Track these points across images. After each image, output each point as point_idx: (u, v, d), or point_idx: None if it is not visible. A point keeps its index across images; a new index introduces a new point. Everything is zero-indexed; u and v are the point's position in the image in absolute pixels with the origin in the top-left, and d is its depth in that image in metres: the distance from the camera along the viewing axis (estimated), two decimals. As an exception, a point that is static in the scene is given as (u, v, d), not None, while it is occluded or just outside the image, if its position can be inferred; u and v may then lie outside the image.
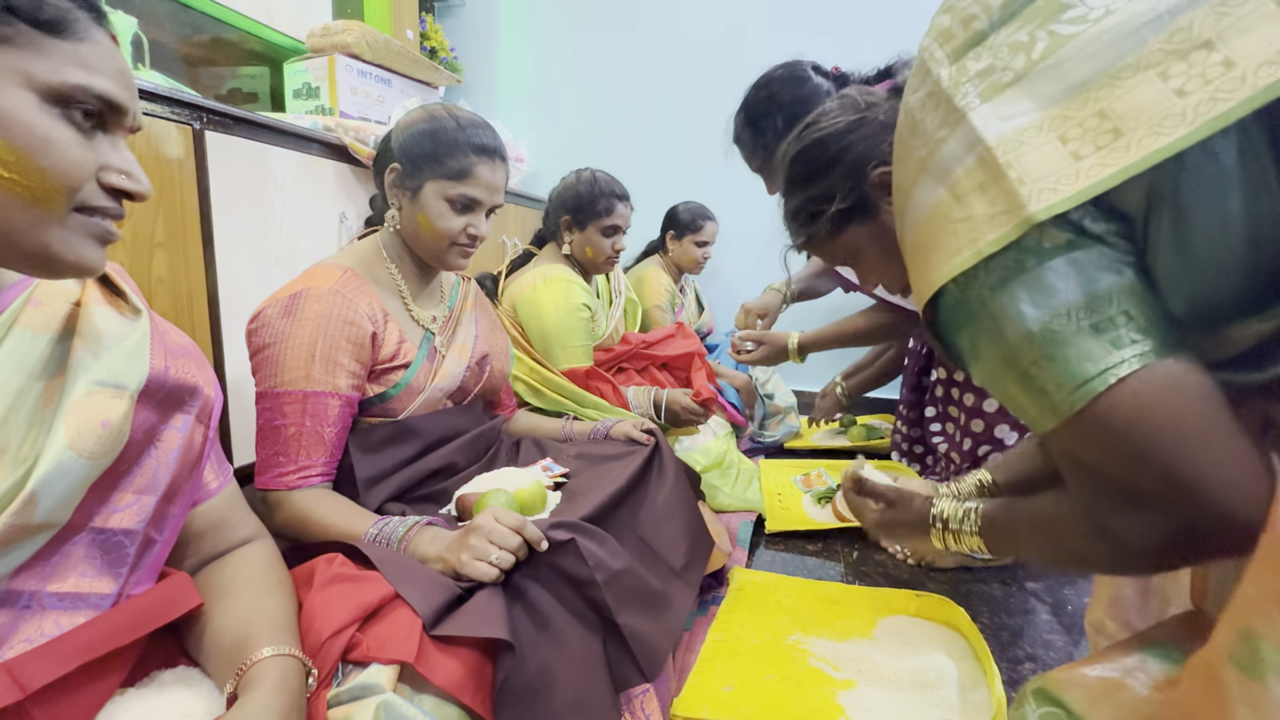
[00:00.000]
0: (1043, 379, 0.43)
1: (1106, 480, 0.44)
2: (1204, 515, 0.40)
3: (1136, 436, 0.41)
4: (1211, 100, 0.37)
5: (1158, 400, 0.40)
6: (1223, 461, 0.40)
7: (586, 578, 0.67)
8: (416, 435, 0.83)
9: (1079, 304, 0.42)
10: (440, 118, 0.80)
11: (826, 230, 0.72)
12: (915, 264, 0.52)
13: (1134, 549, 0.44)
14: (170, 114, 0.90)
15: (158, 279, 0.90)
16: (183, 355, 0.52)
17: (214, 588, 0.54)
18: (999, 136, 0.43)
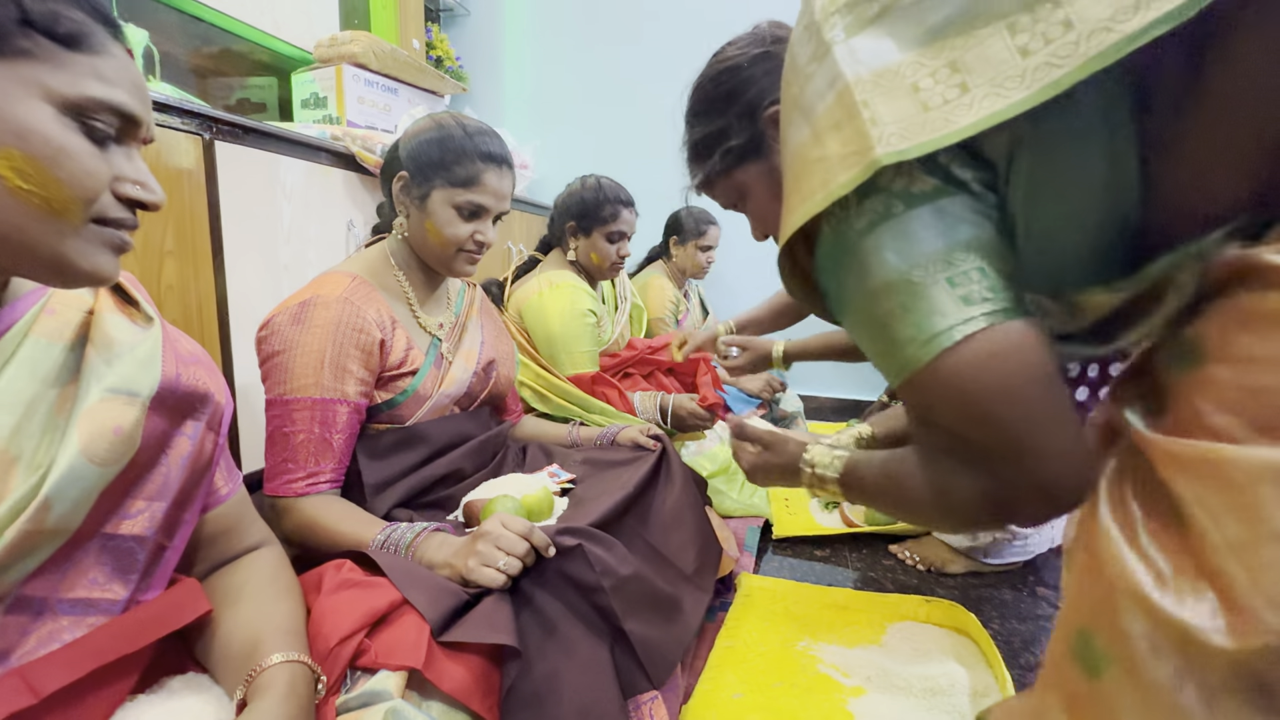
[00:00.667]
0: (896, 329, 0.44)
1: (946, 436, 0.45)
2: (1028, 481, 0.42)
3: (976, 396, 0.42)
4: (1047, 65, 0.37)
5: (999, 362, 0.41)
6: (1054, 431, 0.41)
7: (594, 584, 0.67)
8: (424, 441, 0.84)
9: (938, 255, 0.42)
10: (448, 126, 0.81)
11: (718, 168, 0.69)
12: (786, 205, 0.51)
13: (957, 504, 0.46)
14: (181, 125, 0.91)
15: (167, 286, 0.90)
16: (194, 363, 0.52)
17: (223, 594, 0.54)
18: (856, 76, 0.43)
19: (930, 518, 0.53)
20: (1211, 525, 0.36)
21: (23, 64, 0.35)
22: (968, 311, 0.41)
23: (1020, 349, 0.42)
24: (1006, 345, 0.42)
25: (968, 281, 0.42)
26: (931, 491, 0.48)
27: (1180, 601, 0.37)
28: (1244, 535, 0.34)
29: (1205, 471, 0.37)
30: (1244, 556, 0.34)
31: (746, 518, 1.30)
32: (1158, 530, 0.40)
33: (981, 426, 0.42)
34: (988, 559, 1.12)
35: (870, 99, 0.42)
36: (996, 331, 0.41)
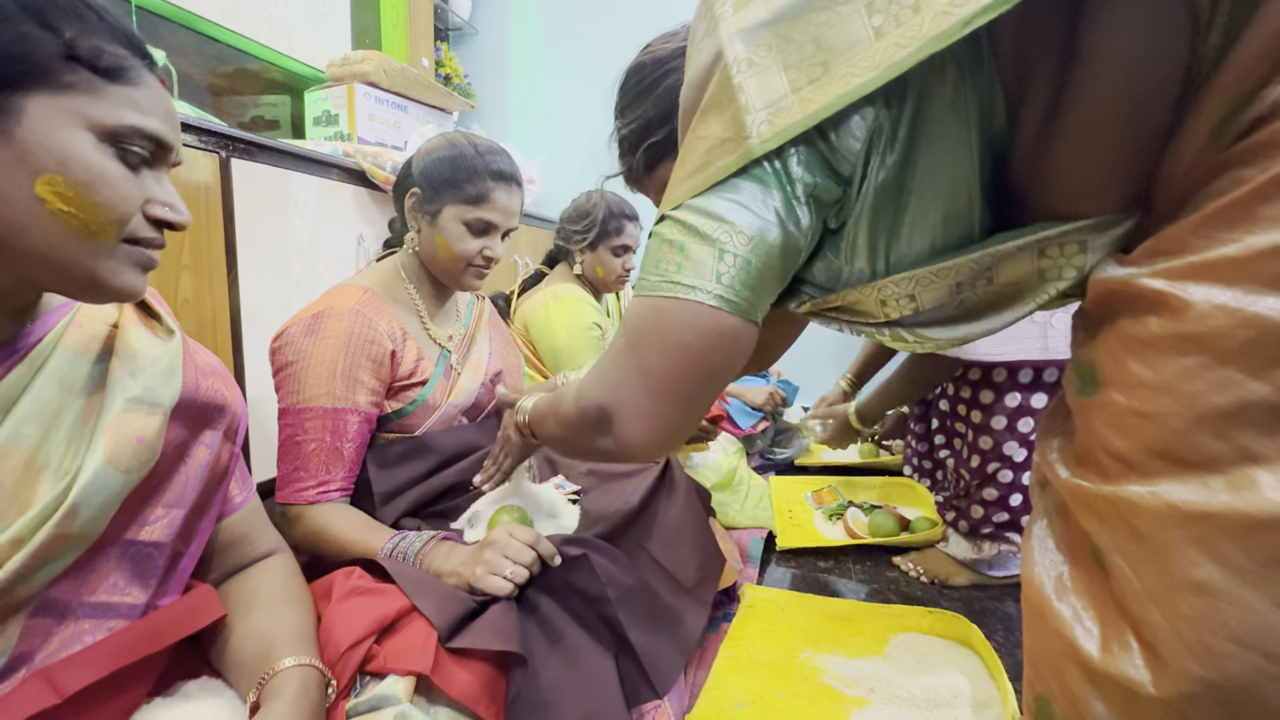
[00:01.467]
0: (661, 256, 0.47)
1: (618, 348, 0.50)
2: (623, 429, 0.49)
3: (657, 337, 0.47)
4: (895, 46, 0.38)
5: (691, 333, 0.46)
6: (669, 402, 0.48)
7: (599, 593, 0.68)
8: (432, 451, 0.85)
9: (734, 229, 0.45)
10: (460, 144, 0.83)
11: (642, 163, 0.67)
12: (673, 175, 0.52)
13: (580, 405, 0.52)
14: (198, 143, 0.94)
15: (183, 300, 0.93)
16: (212, 374, 0.54)
17: (236, 600, 0.56)
18: (734, 56, 0.43)
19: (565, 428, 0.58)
20: (1130, 574, 0.36)
21: (66, 96, 0.38)
22: (714, 288, 0.45)
23: (720, 338, 0.46)
24: (716, 328, 0.46)
25: (732, 266, 0.45)
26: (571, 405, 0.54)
27: (1111, 654, 0.37)
28: (1160, 584, 0.34)
29: (1115, 518, 0.37)
30: (1163, 605, 0.34)
31: (750, 529, 1.31)
32: (1082, 579, 0.40)
33: (646, 355, 0.47)
34: (992, 571, 1.12)
35: (745, 82, 0.43)
36: (719, 315, 0.46)
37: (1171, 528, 0.34)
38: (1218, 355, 0.33)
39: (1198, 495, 0.33)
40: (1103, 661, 0.37)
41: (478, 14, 2.43)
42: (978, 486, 1.09)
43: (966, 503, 1.11)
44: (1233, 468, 0.32)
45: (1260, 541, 0.31)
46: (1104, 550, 0.39)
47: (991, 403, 1.05)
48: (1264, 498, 0.31)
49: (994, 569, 1.12)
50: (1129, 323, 0.38)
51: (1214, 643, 0.32)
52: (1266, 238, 0.31)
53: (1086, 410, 0.41)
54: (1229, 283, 0.33)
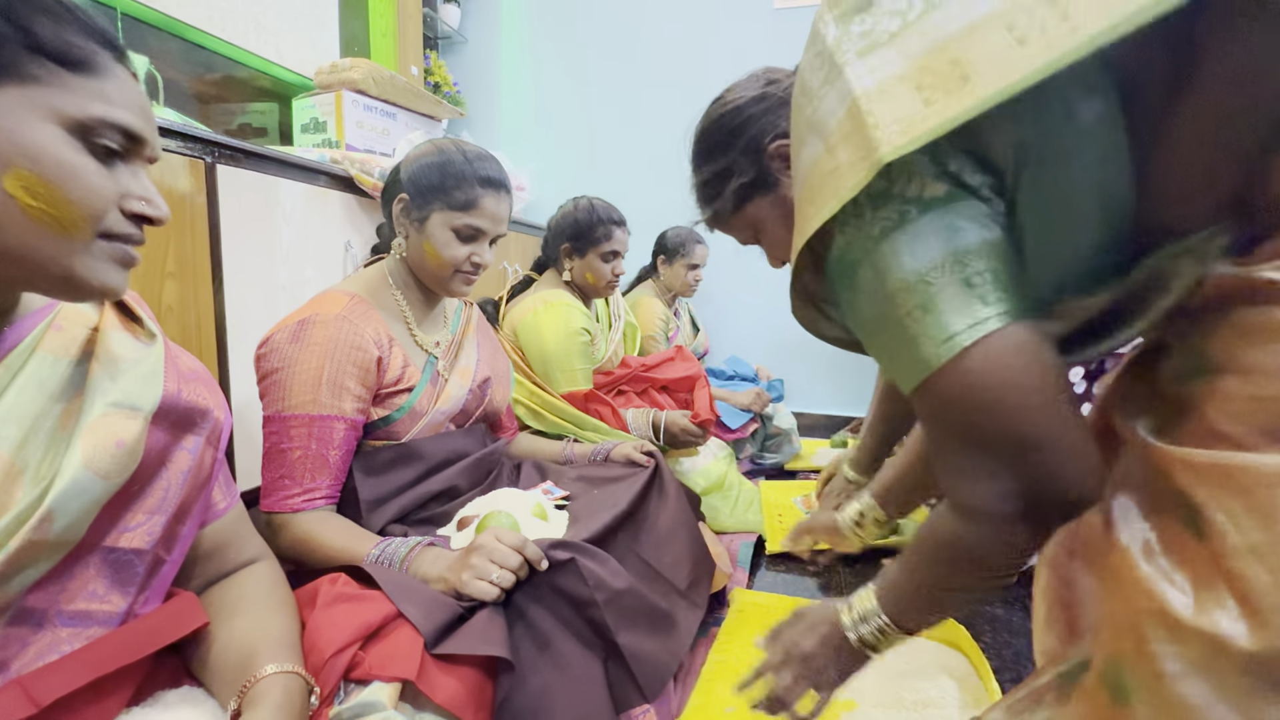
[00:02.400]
0: (915, 330, 0.45)
1: (961, 445, 0.46)
2: (1042, 476, 0.42)
3: (992, 392, 0.42)
4: (1046, 48, 0.39)
5: (1012, 359, 0.42)
6: (1065, 426, 0.42)
7: (587, 598, 0.68)
8: (419, 458, 0.85)
9: (952, 257, 0.43)
10: (448, 151, 0.83)
11: (730, 205, 0.72)
12: (798, 220, 0.52)
13: (991, 519, 0.45)
14: (184, 149, 0.93)
15: (167, 307, 0.92)
16: (194, 379, 0.53)
17: (219, 607, 0.55)
18: (863, 89, 0.44)
19: (971, 561, 0.48)
20: (1232, 529, 0.37)
21: (33, 89, 0.37)
22: (983, 312, 0.43)
23: (1031, 347, 0.43)
24: (1019, 344, 0.43)
25: (982, 283, 0.43)
26: (966, 520, 0.47)
27: (1203, 611, 0.38)
28: (1263, 538, 0.36)
29: (1222, 479, 0.39)
30: (1265, 559, 0.35)
31: (740, 533, 1.31)
32: (1172, 543, 0.41)
33: (996, 421, 0.43)
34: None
35: (874, 107, 0.44)
36: (1009, 331, 0.43)
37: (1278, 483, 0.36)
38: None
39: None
40: (1194, 618, 0.38)
41: (467, 23, 2.44)
42: None
43: None
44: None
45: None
46: (1203, 509, 0.39)
47: None
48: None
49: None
50: (1248, 312, 0.39)
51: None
52: None
53: (1190, 397, 0.42)
54: None
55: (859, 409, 2.22)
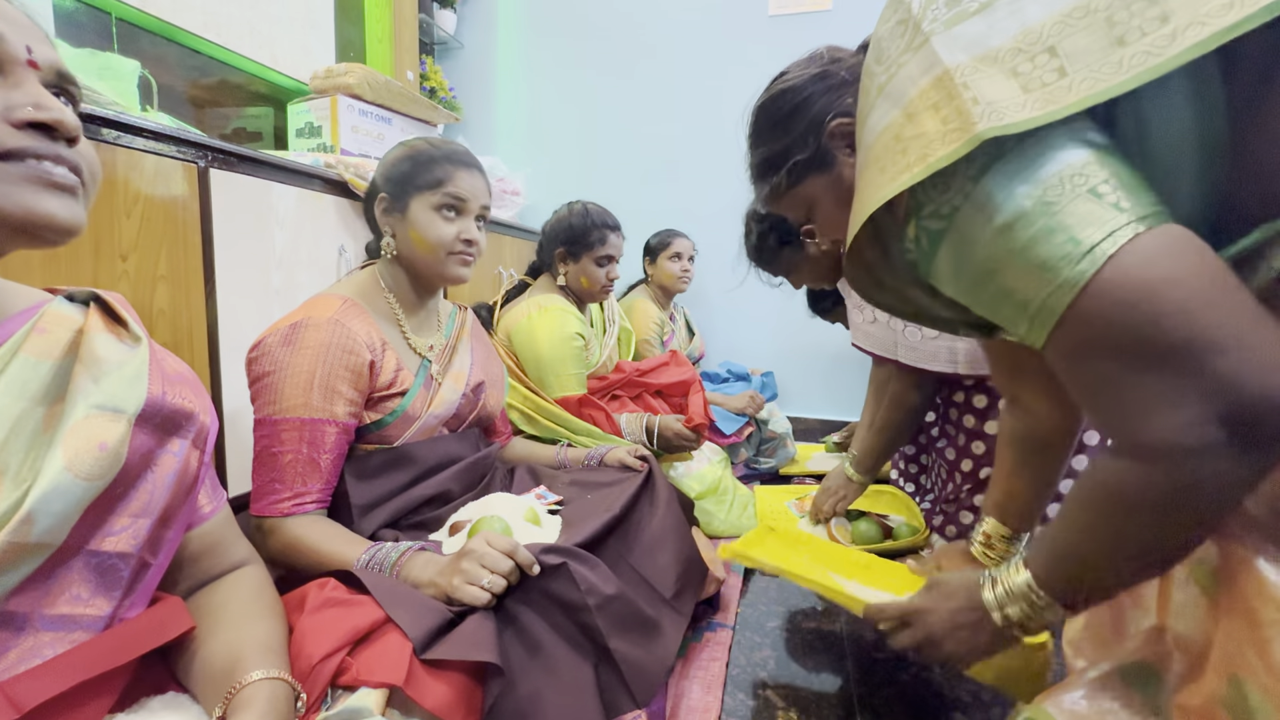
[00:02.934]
0: (1044, 255, 0.40)
1: (1125, 373, 0.39)
2: (1234, 389, 0.35)
3: (1152, 299, 0.37)
4: (1145, 54, 0.38)
5: (1169, 258, 0.37)
6: (1244, 321, 0.36)
7: (578, 602, 0.67)
8: (412, 462, 0.84)
9: (1070, 171, 0.40)
10: (415, 144, 0.87)
11: (786, 182, 0.70)
12: (863, 185, 0.51)
13: (1184, 454, 0.37)
14: (176, 153, 0.93)
15: (159, 311, 0.92)
16: (180, 382, 0.53)
17: (205, 612, 0.55)
18: (956, 62, 0.44)
19: (1165, 507, 0.40)
20: None
21: None
22: (1121, 217, 0.38)
23: (1186, 244, 0.38)
24: (1171, 241, 0.38)
25: (1111, 190, 0.39)
26: (1151, 464, 0.39)
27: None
28: None
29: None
30: None
31: (734, 538, 1.30)
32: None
33: (1164, 328, 0.36)
34: (975, 577, 1.13)
35: (971, 81, 0.43)
36: (1157, 231, 0.38)
37: None
38: None
39: None
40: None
41: (463, 29, 2.45)
42: (969, 492, 1.09)
43: (956, 508, 1.11)
44: None
45: None
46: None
47: (985, 407, 1.06)
48: None
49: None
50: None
51: None
52: None
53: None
54: None
55: (854, 413, 2.22)
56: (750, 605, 1.08)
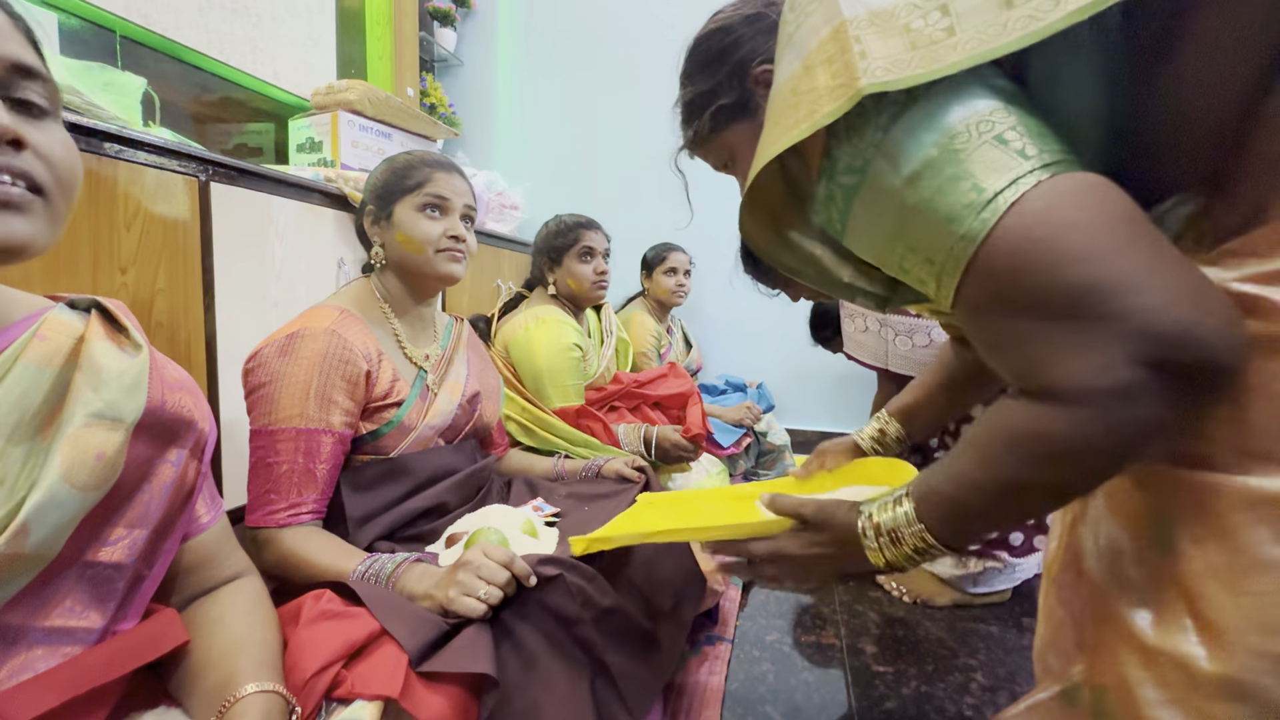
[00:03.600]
0: (948, 206, 0.39)
1: (1034, 324, 0.38)
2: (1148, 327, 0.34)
3: (1055, 245, 0.36)
4: (1029, 18, 0.37)
5: (1073, 203, 0.36)
6: (1157, 259, 0.35)
7: (575, 615, 0.67)
8: (408, 473, 0.84)
9: (976, 118, 0.39)
10: (396, 156, 0.90)
11: (708, 127, 0.67)
12: (761, 142, 0.49)
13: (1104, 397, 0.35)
14: (178, 167, 0.94)
15: (157, 323, 0.92)
16: (180, 389, 0.53)
17: (200, 624, 0.54)
18: (853, 14, 0.43)
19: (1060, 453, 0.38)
20: (1197, 550, 0.36)
21: None
22: (1025, 164, 0.37)
23: (1092, 188, 0.37)
24: (1078, 187, 0.37)
25: (1017, 137, 0.39)
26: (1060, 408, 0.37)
27: (1165, 632, 0.37)
28: (1225, 561, 0.35)
29: (1185, 497, 0.38)
30: (1228, 582, 0.35)
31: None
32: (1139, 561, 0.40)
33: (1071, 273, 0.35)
34: (976, 589, 1.12)
35: (863, 35, 0.42)
36: (1062, 178, 0.37)
37: (1244, 509, 0.34)
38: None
39: (1273, 483, 0.34)
40: (1157, 639, 0.37)
41: (463, 46, 2.48)
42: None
43: None
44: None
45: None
46: (1169, 527, 0.38)
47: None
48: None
49: (978, 585, 1.12)
50: None
51: None
52: None
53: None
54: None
55: (852, 425, 2.22)
56: (749, 619, 1.07)
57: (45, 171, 0.41)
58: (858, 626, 1.04)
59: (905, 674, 0.91)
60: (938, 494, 0.45)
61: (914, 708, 0.84)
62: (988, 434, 0.42)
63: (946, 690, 0.87)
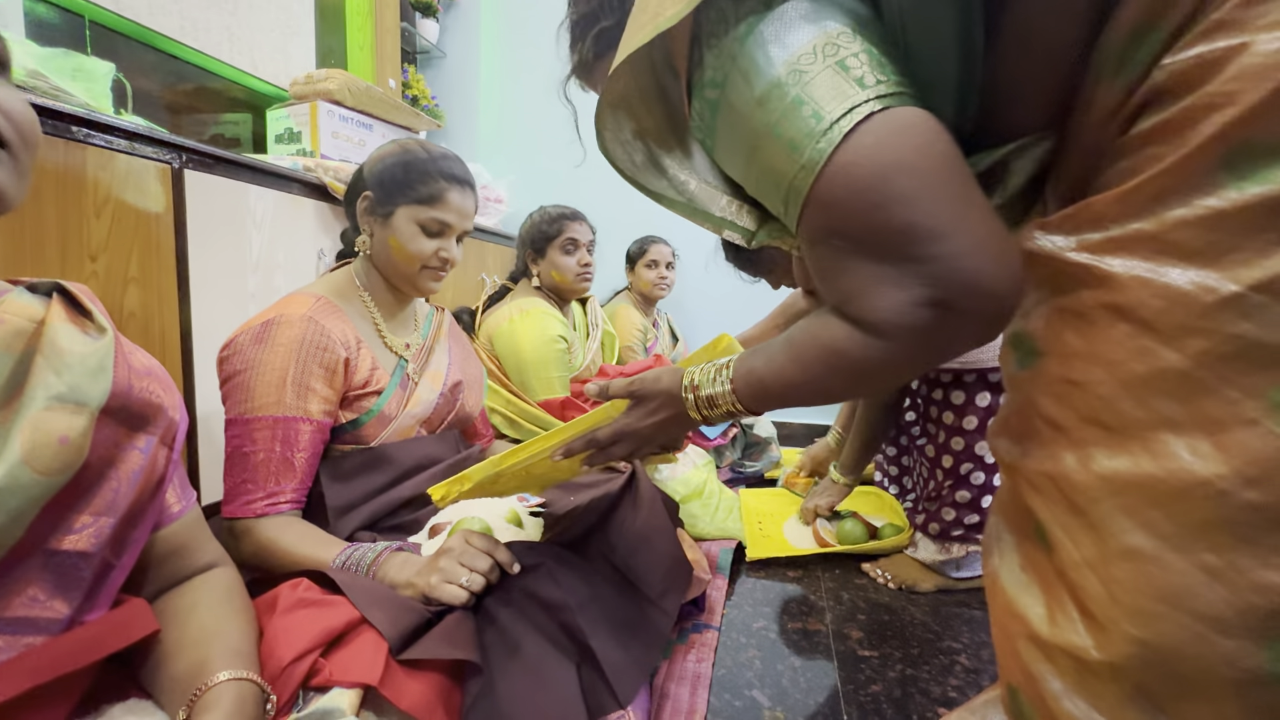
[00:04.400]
0: (792, 131, 0.39)
1: (856, 256, 0.40)
2: (949, 274, 0.36)
3: (881, 184, 0.37)
4: None
5: (905, 138, 0.37)
6: (966, 211, 0.37)
7: (560, 601, 0.66)
8: (389, 463, 0.83)
9: (824, 40, 0.39)
10: (412, 149, 0.83)
11: (592, 52, 0.64)
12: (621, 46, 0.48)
13: (901, 332, 0.39)
14: (150, 153, 0.92)
15: (129, 314, 0.90)
16: (148, 375, 0.52)
17: (171, 615, 0.53)
18: None
19: (861, 374, 0.43)
20: (1069, 544, 0.37)
21: None
22: (862, 94, 0.38)
23: (921, 128, 0.38)
24: (907, 124, 0.38)
25: (858, 65, 0.39)
26: (859, 331, 0.41)
27: (1055, 625, 0.38)
28: (1095, 552, 0.36)
29: (1053, 492, 0.39)
30: (1099, 571, 0.35)
31: (719, 540, 1.30)
32: (1028, 556, 0.41)
33: (892, 213, 0.37)
34: (959, 573, 1.13)
35: None
36: (895, 113, 0.38)
37: (1104, 498, 0.36)
38: (1137, 324, 0.34)
39: (1124, 464, 0.35)
40: (1050, 633, 0.38)
41: (446, 38, 2.45)
42: (950, 488, 1.10)
43: (938, 505, 1.12)
44: (1152, 435, 0.34)
45: (1180, 507, 0.32)
46: (1045, 524, 0.40)
47: (963, 403, 1.07)
48: (1180, 466, 0.32)
49: (961, 570, 1.13)
50: (1061, 294, 0.39)
51: (1146, 604, 0.33)
52: (1174, 213, 0.33)
53: (1025, 383, 0.42)
54: (1143, 255, 0.34)
55: (838, 417, 2.24)
56: (736, 607, 1.07)
57: (5, 123, 0.39)
58: (843, 613, 1.05)
59: (890, 658, 0.91)
60: (754, 376, 0.51)
61: (899, 689, 0.84)
62: (805, 339, 0.46)
63: (931, 672, 0.88)
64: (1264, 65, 0.30)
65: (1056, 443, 0.39)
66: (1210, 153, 0.32)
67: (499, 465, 0.66)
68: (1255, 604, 0.30)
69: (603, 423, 0.64)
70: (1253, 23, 0.31)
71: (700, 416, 0.57)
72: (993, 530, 0.47)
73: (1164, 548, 0.33)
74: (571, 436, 0.65)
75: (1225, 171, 0.31)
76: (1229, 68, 0.31)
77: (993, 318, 0.38)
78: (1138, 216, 0.35)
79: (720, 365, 0.54)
